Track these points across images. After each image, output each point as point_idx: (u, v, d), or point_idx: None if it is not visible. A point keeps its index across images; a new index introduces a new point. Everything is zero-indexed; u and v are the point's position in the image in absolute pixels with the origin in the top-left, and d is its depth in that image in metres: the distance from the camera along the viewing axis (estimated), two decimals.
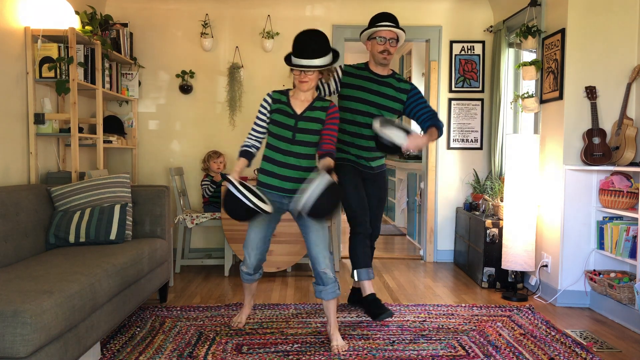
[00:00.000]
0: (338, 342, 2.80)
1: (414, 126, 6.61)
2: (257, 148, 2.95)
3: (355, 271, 3.27)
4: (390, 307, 3.39)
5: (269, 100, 2.91)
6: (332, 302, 2.84)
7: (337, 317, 3.25)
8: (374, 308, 3.22)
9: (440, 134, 3.26)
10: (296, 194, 2.79)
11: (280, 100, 2.89)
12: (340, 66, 3.29)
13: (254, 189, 2.74)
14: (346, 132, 3.25)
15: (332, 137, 2.85)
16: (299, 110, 2.86)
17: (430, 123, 3.22)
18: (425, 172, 5.08)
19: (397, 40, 3.22)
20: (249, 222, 2.88)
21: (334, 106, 2.88)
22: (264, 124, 2.92)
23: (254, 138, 2.94)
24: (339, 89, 3.28)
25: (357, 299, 3.47)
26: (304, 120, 2.84)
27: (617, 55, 3.55)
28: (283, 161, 2.85)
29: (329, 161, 2.76)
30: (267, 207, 2.68)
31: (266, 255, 3.02)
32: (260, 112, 2.92)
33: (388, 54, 3.20)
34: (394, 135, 2.97)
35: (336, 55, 2.83)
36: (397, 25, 3.19)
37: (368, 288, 3.27)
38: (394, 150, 3.04)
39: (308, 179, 2.75)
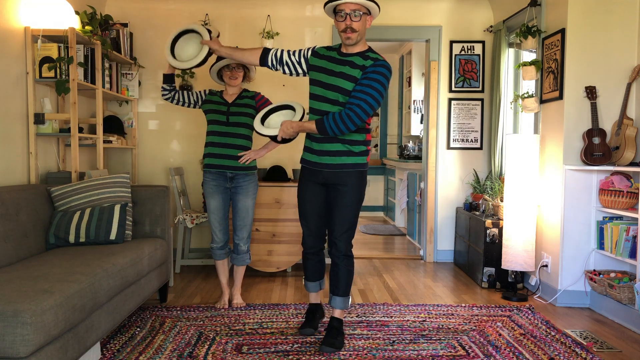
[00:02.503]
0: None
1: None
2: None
3: (303, 280, 3.19)
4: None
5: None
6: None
7: None
8: (305, 319, 3.08)
9: (321, 129, 2.70)
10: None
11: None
12: (314, 47, 2.90)
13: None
14: (324, 116, 2.76)
15: None
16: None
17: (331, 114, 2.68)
18: (425, 172, 5.08)
19: (368, 12, 2.68)
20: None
21: None
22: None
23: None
24: (306, 71, 2.90)
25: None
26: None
27: (617, 55, 3.55)
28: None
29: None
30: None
31: (228, 233, 3.56)
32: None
33: (351, 31, 2.65)
34: (264, 129, 3.00)
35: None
36: None
37: (313, 297, 3.13)
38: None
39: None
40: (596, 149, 3.46)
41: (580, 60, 3.57)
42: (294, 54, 2.91)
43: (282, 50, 2.94)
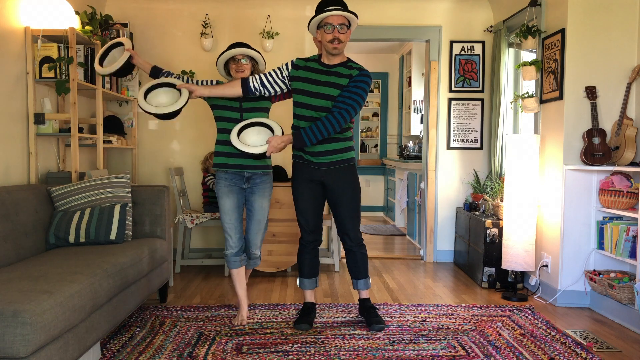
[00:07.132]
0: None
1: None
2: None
3: (298, 279, 3.26)
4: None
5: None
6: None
7: (338, 317, 3.28)
8: (301, 315, 3.16)
9: (300, 141, 2.95)
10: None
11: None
12: (292, 60, 3.11)
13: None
14: (300, 129, 3.01)
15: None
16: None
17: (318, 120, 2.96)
18: (425, 172, 5.08)
19: (349, 26, 2.96)
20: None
21: None
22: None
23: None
24: (289, 84, 3.10)
25: (360, 311, 3.29)
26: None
27: (617, 55, 3.55)
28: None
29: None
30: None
31: (243, 237, 3.25)
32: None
33: (338, 42, 2.93)
34: (251, 148, 2.95)
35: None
36: (345, 9, 2.92)
37: (308, 296, 3.25)
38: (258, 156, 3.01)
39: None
40: (596, 149, 3.46)
41: (580, 60, 3.57)
42: (272, 74, 3.10)
43: (259, 75, 3.10)
